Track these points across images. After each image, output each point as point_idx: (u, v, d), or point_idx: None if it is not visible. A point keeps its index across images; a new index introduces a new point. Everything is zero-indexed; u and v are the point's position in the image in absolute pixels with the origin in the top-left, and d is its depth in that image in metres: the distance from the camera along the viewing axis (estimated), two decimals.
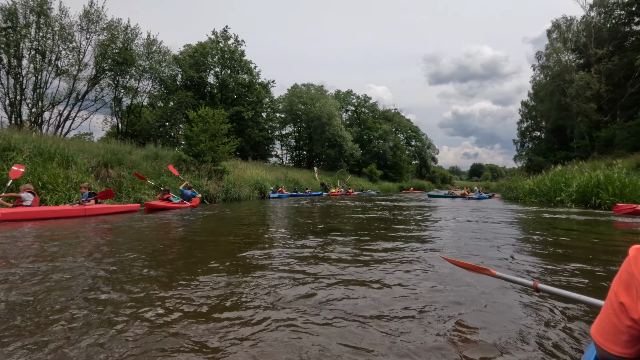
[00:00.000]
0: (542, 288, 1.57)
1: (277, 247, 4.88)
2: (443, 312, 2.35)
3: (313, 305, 2.49)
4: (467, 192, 29.64)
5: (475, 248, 4.89)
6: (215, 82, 34.40)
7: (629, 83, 28.09)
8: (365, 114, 66.36)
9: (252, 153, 36.74)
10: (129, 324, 2.15)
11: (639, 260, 0.73)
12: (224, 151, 17.82)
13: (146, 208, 10.86)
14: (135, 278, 3.20)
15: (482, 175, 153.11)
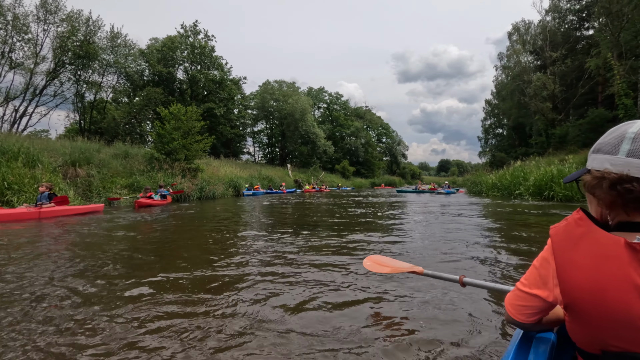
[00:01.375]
0: (467, 282, 1.60)
1: (247, 246, 4.79)
2: (383, 313, 2.41)
3: (270, 306, 2.50)
4: (434, 187, 31.00)
5: (430, 246, 5.26)
6: (185, 78, 33.57)
7: (580, 84, 30.36)
8: (337, 111, 67.07)
9: (224, 150, 36.27)
10: (84, 329, 2.09)
11: (552, 246, 0.88)
12: (197, 149, 17.60)
13: (137, 205, 11.30)
14: (90, 281, 3.07)
15: (449, 170, 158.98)
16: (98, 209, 9.92)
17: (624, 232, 0.79)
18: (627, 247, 0.74)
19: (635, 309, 0.72)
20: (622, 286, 0.74)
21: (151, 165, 16.16)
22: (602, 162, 0.84)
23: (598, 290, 0.77)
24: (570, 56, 31.91)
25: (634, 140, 0.80)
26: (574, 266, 0.81)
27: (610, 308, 0.76)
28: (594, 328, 0.81)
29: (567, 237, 0.84)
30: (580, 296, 0.80)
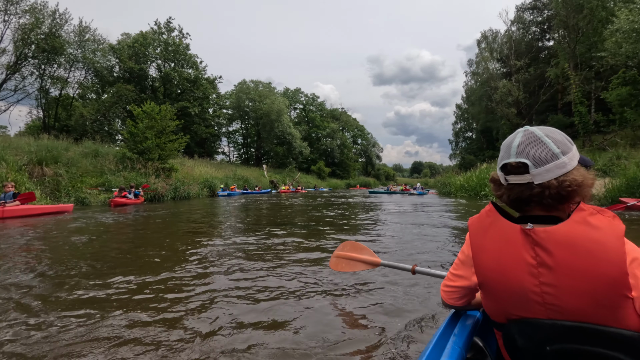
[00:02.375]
0: (419, 270, 1.69)
1: (218, 247, 4.72)
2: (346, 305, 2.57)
3: (244, 304, 2.54)
4: (406, 188, 31.98)
5: (393, 242, 5.70)
6: (157, 75, 32.70)
7: (541, 91, 32.27)
8: (313, 112, 67.39)
9: (198, 150, 35.64)
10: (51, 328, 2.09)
11: (470, 238, 1.00)
12: (171, 148, 17.29)
13: (112, 204, 11.51)
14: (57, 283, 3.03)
15: (422, 172, 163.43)
16: (67, 208, 9.63)
17: (523, 223, 0.91)
18: (522, 233, 0.86)
19: (527, 283, 0.85)
20: (517, 265, 0.86)
21: (123, 164, 15.74)
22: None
23: (501, 269, 0.89)
24: (533, 65, 33.90)
25: (500, 149, 0.96)
26: (484, 250, 0.94)
27: (509, 283, 0.88)
28: (500, 301, 0.93)
29: (480, 226, 0.97)
30: (489, 275, 0.92)
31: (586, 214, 0.81)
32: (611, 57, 17.54)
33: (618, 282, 0.75)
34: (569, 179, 0.85)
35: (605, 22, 19.81)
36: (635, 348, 0.75)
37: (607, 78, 20.58)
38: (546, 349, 0.84)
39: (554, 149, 0.88)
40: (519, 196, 0.90)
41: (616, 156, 15.06)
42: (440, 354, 0.91)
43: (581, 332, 0.80)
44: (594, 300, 0.78)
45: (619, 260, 0.75)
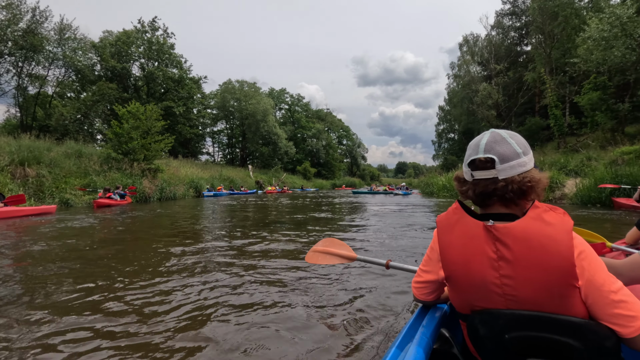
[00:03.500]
0: (392, 265, 1.72)
1: (204, 248, 4.79)
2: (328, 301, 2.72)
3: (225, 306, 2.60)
4: (388, 188, 32.55)
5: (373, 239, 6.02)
6: (141, 74, 32.20)
7: (520, 94, 33.42)
8: (299, 112, 67.51)
9: (183, 150, 35.28)
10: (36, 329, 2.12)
11: (438, 234, 1.03)
12: (157, 149, 17.17)
13: (95, 205, 11.35)
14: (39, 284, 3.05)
15: (406, 172, 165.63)
16: (50, 210, 9.58)
17: (486, 220, 0.95)
18: (484, 229, 0.92)
19: (488, 276, 0.90)
20: (480, 259, 0.91)
21: (108, 165, 15.56)
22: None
23: (465, 263, 0.94)
24: (512, 69, 35.02)
25: (467, 149, 1.02)
26: (451, 246, 0.98)
27: (473, 276, 0.93)
28: (464, 294, 0.98)
29: (447, 223, 1.02)
30: (455, 269, 0.97)
31: (540, 211, 0.88)
32: (583, 63, 18.43)
33: (567, 273, 0.82)
34: (528, 175, 0.93)
35: (578, 30, 20.77)
36: (581, 333, 0.82)
37: (579, 83, 21.61)
38: (505, 337, 0.89)
39: (517, 148, 0.95)
40: (483, 190, 0.95)
41: (587, 157, 15.89)
42: (409, 345, 0.96)
43: (536, 320, 0.86)
44: (546, 290, 0.84)
45: (568, 253, 0.82)
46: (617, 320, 0.80)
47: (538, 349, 0.87)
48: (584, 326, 0.82)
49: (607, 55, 16.63)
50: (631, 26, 15.78)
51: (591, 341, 0.81)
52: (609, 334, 0.81)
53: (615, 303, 0.80)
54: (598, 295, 0.82)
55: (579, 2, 24.89)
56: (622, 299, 0.81)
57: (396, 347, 0.95)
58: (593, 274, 0.82)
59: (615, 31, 16.14)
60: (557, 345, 0.84)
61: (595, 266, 0.83)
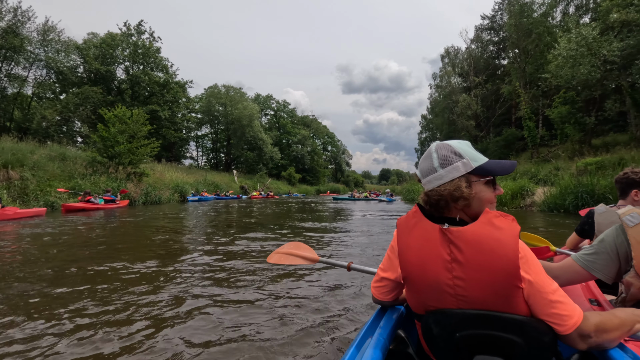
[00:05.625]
0: (354, 267, 1.74)
1: (186, 253, 4.80)
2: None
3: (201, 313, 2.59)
4: (368, 195, 33.14)
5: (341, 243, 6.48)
6: (125, 77, 31.95)
7: (497, 106, 34.87)
8: (284, 118, 67.88)
9: (166, 154, 35.05)
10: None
11: (397, 236, 1.06)
12: (143, 153, 17.22)
13: (64, 210, 10.86)
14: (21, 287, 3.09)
15: (389, 179, 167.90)
16: (40, 212, 9.63)
17: (442, 223, 0.98)
18: (440, 232, 0.94)
19: (442, 277, 0.93)
20: (435, 260, 0.94)
21: (93, 168, 15.52)
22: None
23: (422, 264, 0.96)
24: (491, 81, 36.48)
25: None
26: (409, 248, 1.00)
27: (428, 277, 0.95)
28: (420, 294, 1.00)
29: (406, 225, 1.04)
30: (412, 270, 0.99)
31: (491, 216, 0.92)
32: (553, 78, 19.61)
33: (512, 275, 0.85)
34: (441, 189, 0.97)
35: (549, 47, 22.07)
36: (523, 329, 0.87)
37: (551, 97, 22.88)
38: (456, 335, 0.93)
39: (434, 163, 1.00)
40: (422, 198, 1.04)
41: (555, 167, 16.92)
42: (366, 346, 0.98)
43: (484, 318, 0.90)
44: (494, 290, 0.88)
45: (514, 256, 0.85)
46: (554, 319, 0.86)
47: (485, 346, 0.92)
48: (526, 323, 0.87)
49: (575, 72, 17.78)
50: (596, 46, 16.99)
51: (532, 337, 0.87)
52: (547, 330, 0.87)
53: (552, 303, 0.86)
54: (538, 296, 0.86)
55: (550, 21, 26.40)
56: (559, 299, 0.87)
57: (354, 348, 0.98)
58: (534, 276, 0.87)
59: (581, 50, 17.33)
60: (502, 342, 0.90)
61: (536, 269, 0.88)
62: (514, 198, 14.24)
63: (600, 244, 1.25)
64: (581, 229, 2.22)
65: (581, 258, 1.26)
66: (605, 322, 0.91)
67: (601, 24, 17.99)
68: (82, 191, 12.97)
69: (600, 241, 1.26)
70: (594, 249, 1.26)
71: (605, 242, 1.24)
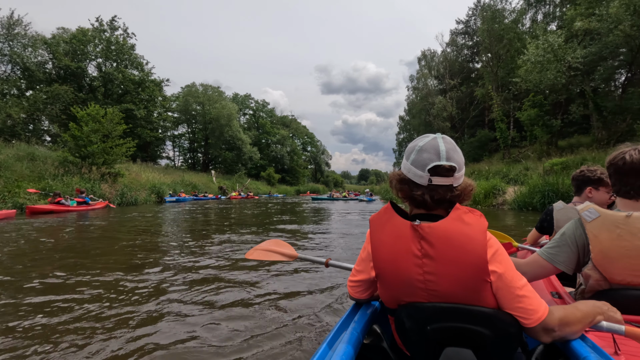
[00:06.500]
0: (331, 264, 1.75)
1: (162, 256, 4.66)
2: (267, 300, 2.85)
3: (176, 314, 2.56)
4: (347, 194, 33.57)
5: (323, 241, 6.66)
6: (97, 74, 30.84)
7: (471, 108, 36.05)
8: (263, 118, 67.44)
9: (141, 154, 34.10)
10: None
11: (370, 234, 1.06)
12: (118, 153, 16.73)
13: (28, 212, 10.42)
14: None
15: (368, 179, 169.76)
16: (10, 214, 9.22)
17: (413, 220, 0.98)
18: (411, 228, 0.95)
19: (413, 272, 0.95)
20: (407, 256, 0.95)
21: (65, 169, 14.95)
22: (402, 164, 1.06)
23: (394, 260, 0.97)
24: (465, 84, 37.65)
25: (419, 152, 0.99)
26: (381, 244, 1.01)
27: (400, 272, 0.96)
28: (392, 289, 1.01)
29: (378, 222, 1.05)
30: (384, 266, 1.00)
31: (461, 213, 0.94)
32: (523, 82, 20.54)
33: (481, 269, 0.88)
34: (465, 182, 1.00)
35: (519, 52, 23.08)
36: (490, 321, 0.90)
37: (521, 100, 23.93)
38: (427, 328, 0.95)
39: (462, 157, 1.01)
40: (442, 197, 0.96)
41: (525, 168, 17.75)
42: (338, 342, 0.99)
43: (454, 311, 0.93)
44: (463, 284, 0.90)
45: (482, 251, 0.88)
46: (520, 312, 0.89)
47: (455, 338, 0.94)
48: (493, 315, 0.90)
49: (543, 77, 18.73)
50: (561, 53, 17.96)
51: (498, 329, 0.90)
52: (514, 322, 0.90)
53: (519, 297, 0.89)
54: (506, 290, 0.89)
55: (520, 28, 27.59)
56: (526, 294, 0.90)
57: (326, 344, 0.98)
58: (503, 271, 0.89)
59: (548, 56, 18.27)
60: (471, 333, 0.92)
61: (505, 264, 0.90)
62: (487, 197, 14.85)
63: (561, 237, 1.30)
64: (540, 225, 2.33)
65: (545, 252, 1.32)
66: (568, 316, 0.95)
67: (566, 32, 19.03)
68: (52, 192, 12.51)
69: (562, 234, 1.31)
70: (556, 242, 1.31)
71: (566, 235, 1.29)
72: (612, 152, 1.28)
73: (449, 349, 0.92)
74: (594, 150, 16.58)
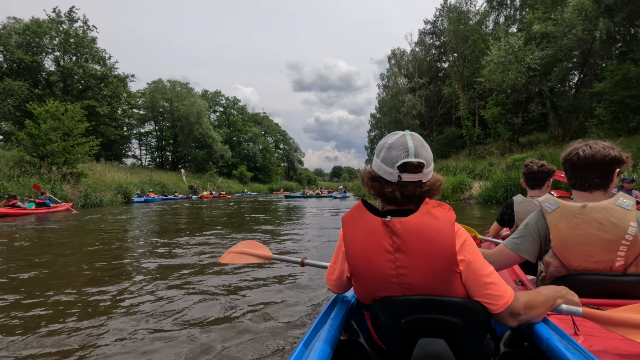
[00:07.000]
0: (307, 263, 1.76)
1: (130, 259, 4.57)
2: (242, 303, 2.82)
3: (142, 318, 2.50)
4: (320, 192, 33.88)
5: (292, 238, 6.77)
6: (56, 69, 29.05)
7: (439, 106, 37.27)
8: (234, 115, 66.23)
9: (105, 153, 32.58)
10: None
11: (343, 232, 1.07)
12: (80, 152, 15.86)
13: None
14: None
15: (341, 176, 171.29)
16: None
17: (384, 216, 1.00)
18: (383, 224, 0.97)
19: (386, 267, 0.96)
20: (379, 252, 0.97)
21: (21, 169, 14.01)
22: (373, 162, 1.06)
23: (367, 257, 0.99)
24: (433, 83, 38.82)
25: (388, 149, 1.00)
26: (354, 242, 1.02)
27: (373, 268, 0.98)
28: (367, 285, 1.02)
29: (351, 220, 1.05)
30: (358, 263, 1.01)
31: (430, 207, 0.96)
32: (487, 82, 21.51)
33: (450, 260, 0.91)
34: (436, 178, 1.04)
35: (483, 53, 24.12)
36: (461, 310, 0.94)
37: (485, 99, 25.06)
38: (401, 321, 0.97)
39: (430, 153, 1.03)
40: (411, 193, 0.98)
41: (489, 163, 18.64)
42: (315, 340, 0.99)
43: (426, 303, 0.95)
44: (434, 276, 0.93)
45: (451, 243, 0.91)
46: (488, 299, 0.93)
47: (428, 329, 0.96)
48: (463, 305, 0.94)
49: (505, 77, 19.71)
50: (521, 54, 18.97)
51: (468, 317, 0.94)
52: (482, 310, 0.94)
53: (487, 285, 0.93)
54: (474, 279, 0.93)
55: (484, 29, 28.81)
56: (493, 281, 0.93)
57: (302, 344, 0.98)
58: (472, 260, 0.93)
59: (509, 57, 19.24)
60: (443, 324, 0.95)
61: (473, 254, 0.94)
62: (455, 192, 15.49)
63: (525, 228, 1.36)
64: (501, 218, 2.46)
65: (510, 242, 1.38)
66: (532, 300, 0.99)
67: (525, 35, 20.11)
68: (7, 194, 11.72)
69: (525, 225, 1.37)
70: (520, 232, 1.37)
71: (529, 225, 1.35)
72: (566, 148, 1.37)
73: (422, 340, 0.94)
74: (551, 146, 17.67)
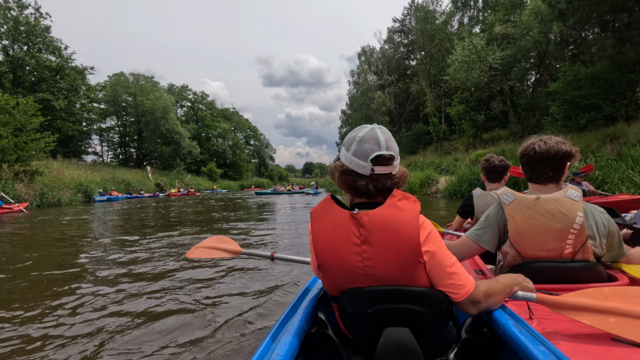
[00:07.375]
0: (277, 257, 1.77)
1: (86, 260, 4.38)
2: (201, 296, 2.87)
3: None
4: (291, 188, 33.90)
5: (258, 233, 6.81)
6: (4, 59, 26.90)
7: (408, 103, 38.20)
8: (203, 111, 64.46)
9: (63, 150, 30.69)
10: None
11: (311, 226, 1.07)
12: (35, 149, 14.83)
13: None
14: None
15: (313, 172, 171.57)
16: None
17: (352, 209, 1.01)
18: (350, 217, 0.99)
19: (353, 259, 0.98)
20: (346, 244, 0.98)
21: None
22: (343, 156, 1.05)
23: (334, 249, 1.00)
24: (402, 80, 39.67)
25: (359, 142, 1.00)
26: (322, 235, 1.03)
27: (341, 261, 0.99)
28: (334, 278, 1.03)
29: (319, 214, 1.06)
30: (325, 256, 1.02)
31: (396, 200, 0.98)
32: (452, 80, 22.32)
33: (414, 251, 0.93)
34: (403, 170, 1.06)
35: (449, 52, 24.98)
36: (424, 299, 0.97)
37: (451, 96, 26.00)
38: (367, 312, 0.99)
39: (397, 146, 1.05)
40: (383, 185, 1.00)
41: (455, 159, 19.43)
42: (282, 334, 1.00)
43: (392, 293, 0.97)
44: (399, 267, 0.95)
45: (415, 235, 0.93)
46: (450, 288, 0.96)
47: (393, 318, 0.98)
48: (427, 294, 0.96)
49: (468, 76, 20.52)
50: (483, 54, 19.82)
51: (431, 306, 0.97)
52: (445, 299, 0.97)
53: (449, 275, 0.96)
54: (438, 269, 0.96)
55: (449, 29, 29.79)
56: (455, 271, 0.97)
57: (270, 337, 0.99)
58: (436, 251, 0.95)
59: (473, 57, 20.05)
60: (407, 313, 0.97)
61: (437, 245, 0.97)
62: (422, 186, 16.02)
63: (486, 220, 1.42)
64: (463, 210, 2.63)
65: (472, 234, 1.44)
66: (491, 288, 1.04)
67: (487, 35, 21.02)
68: None
69: (486, 217, 1.43)
70: (481, 224, 1.43)
71: (489, 217, 1.42)
72: (523, 144, 1.45)
73: (388, 329, 0.95)
74: (511, 142, 18.67)
